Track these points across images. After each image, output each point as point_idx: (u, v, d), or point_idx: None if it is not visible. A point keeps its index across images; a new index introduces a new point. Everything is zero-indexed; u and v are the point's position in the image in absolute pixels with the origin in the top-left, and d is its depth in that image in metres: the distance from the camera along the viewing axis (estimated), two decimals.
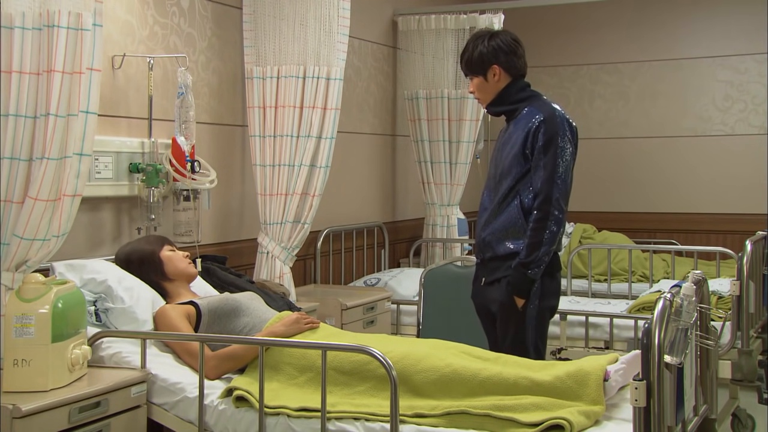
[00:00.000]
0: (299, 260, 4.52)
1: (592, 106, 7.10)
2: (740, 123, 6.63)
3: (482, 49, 3.35)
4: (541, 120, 3.24)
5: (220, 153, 4.23)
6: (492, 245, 3.32)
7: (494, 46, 3.35)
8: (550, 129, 3.23)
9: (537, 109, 3.30)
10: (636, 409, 2.23)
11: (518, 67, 3.40)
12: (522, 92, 3.40)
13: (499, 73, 3.36)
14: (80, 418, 2.56)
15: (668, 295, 2.36)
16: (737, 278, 3.82)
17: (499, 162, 3.36)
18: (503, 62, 3.36)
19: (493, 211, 3.33)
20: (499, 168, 3.35)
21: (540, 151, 3.22)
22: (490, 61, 3.35)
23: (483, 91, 3.42)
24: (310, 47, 4.15)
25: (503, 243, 3.28)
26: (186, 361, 2.98)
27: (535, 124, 3.25)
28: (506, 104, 3.39)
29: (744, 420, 3.95)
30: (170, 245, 3.35)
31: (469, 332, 3.72)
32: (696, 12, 6.76)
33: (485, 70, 3.37)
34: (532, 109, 3.31)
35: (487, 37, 3.38)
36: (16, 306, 2.62)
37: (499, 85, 3.38)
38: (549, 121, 3.24)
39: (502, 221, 3.30)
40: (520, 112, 3.34)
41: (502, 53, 3.35)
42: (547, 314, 3.33)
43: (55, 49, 2.74)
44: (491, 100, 3.41)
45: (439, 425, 2.53)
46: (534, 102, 3.36)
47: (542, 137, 3.22)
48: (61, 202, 2.81)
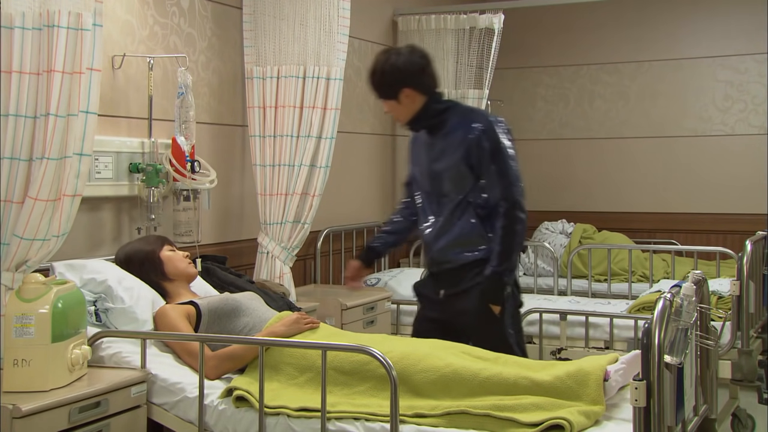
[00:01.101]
0: (299, 260, 4.52)
1: (592, 106, 7.10)
2: (740, 123, 6.63)
3: (390, 72, 3.24)
4: (482, 129, 3.21)
5: (220, 153, 4.23)
6: (450, 256, 3.28)
7: (401, 69, 3.23)
8: (492, 136, 3.21)
9: (469, 118, 3.26)
10: (636, 409, 2.23)
11: (430, 85, 3.30)
12: (440, 104, 3.32)
13: (412, 94, 3.26)
14: (80, 418, 2.56)
15: (668, 295, 2.36)
16: (737, 278, 3.82)
17: (437, 175, 3.30)
18: (415, 84, 3.25)
19: (446, 221, 3.29)
20: (439, 180, 3.30)
21: (489, 159, 3.20)
22: (400, 85, 3.23)
23: (398, 112, 3.33)
24: (310, 47, 4.16)
25: (461, 254, 3.25)
26: (186, 361, 2.98)
27: (475, 133, 3.21)
28: (427, 120, 3.31)
29: (744, 420, 3.95)
30: (170, 245, 3.35)
31: None
32: (696, 12, 6.76)
33: (396, 93, 3.26)
34: (465, 120, 3.26)
35: (393, 59, 3.25)
36: (16, 306, 2.62)
37: (415, 106, 3.28)
38: (489, 129, 3.22)
39: (456, 232, 3.27)
40: (448, 125, 3.28)
41: (410, 75, 3.24)
42: (519, 311, 3.36)
43: (55, 49, 2.74)
44: (409, 119, 3.33)
45: (439, 425, 2.53)
46: (458, 111, 3.32)
47: (488, 145, 3.20)
48: (61, 202, 2.81)
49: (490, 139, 3.20)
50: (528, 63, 7.24)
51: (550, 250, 5.82)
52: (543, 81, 7.25)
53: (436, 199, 3.33)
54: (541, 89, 7.27)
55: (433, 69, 3.33)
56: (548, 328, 4.42)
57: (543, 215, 6.84)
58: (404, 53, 3.27)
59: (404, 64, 3.23)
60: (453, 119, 3.28)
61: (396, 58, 3.25)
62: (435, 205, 3.34)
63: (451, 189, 3.27)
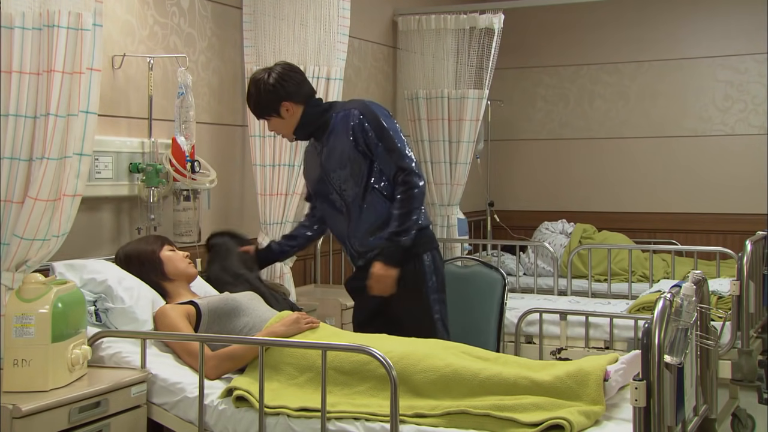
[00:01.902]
0: (299, 260, 4.52)
1: (592, 106, 7.10)
2: (740, 123, 6.63)
3: (265, 92, 3.35)
4: (360, 115, 3.32)
5: (220, 153, 4.23)
6: (371, 244, 3.37)
7: (274, 86, 3.34)
8: (371, 116, 3.32)
9: (347, 108, 3.38)
10: (636, 409, 2.23)
11: (305, 93, 3.41)
12: (319, 107, 3.43)
13: (291, 106, 3.37)
14: (80, 418, 2.56)
15: (668, 295, 2.36)
16: (737, 278, 3.82)
17: (332, 171, 3.38)
18: (291, 96, 3.36)
19: (356, 214, 3.38)
20: (336, 176, 3.37)
21: (375, 139, 3.31)
22: (278, 101, 3.35)
23: (284, 126, 3.43)
24: (310, 47, 4.16)
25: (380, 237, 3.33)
26: (186, 361, 2.98)
27: (355, 120, 3.32)
28: (313, 126, 3.41)
29: (744, 420, 3.95)
30: (170, 245, 3.35)
31: (469, 332, 3.72)
32: (696, 12, 6.76)
33: (277, 109, 3.37)
34: (343, 113, 3.36)
35: (264, 79, 3.35)
36: (16, 306, 2.62)
37: (297, 116, 3.39)
38: (366, 111, 3.34)
39: (370, 220, 3.36)
40: (330, 123, 3.38)
41: (283, 89, 3.35)
42: (444, 287, 3.43)
43: (55, 49, 2.74)
44: (294, 129, 3.43)
45: (439, 425, 2.53)
46: (337, 107, 3.43)
47: (370, 127, 3.31)
48: (61, 202, 2.81)
49: (370, 120, 3.32)
50: (528, 63, 7.24)
51: (550, 250, 5.82)
52: (543, 81, 7.26)
53: (338, 197, 3.42)
54: (541, 89, 7.27)
55: (303, 77, 3.44)
56: (548, 328, 4.42)
57: (543, 215, 6.85)
58: (276, 71, 3.38)
59: (275, 81, 3.34)
60: (334, 116, 3.38)
61: (268, 78, 3.35)
62: (339, 203, 3.43)
63: (350, 180, 3.36)
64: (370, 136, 3.31)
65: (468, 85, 5.75)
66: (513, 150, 7.32)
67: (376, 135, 3.31)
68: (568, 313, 4.44)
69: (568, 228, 6.53)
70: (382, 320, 3.36)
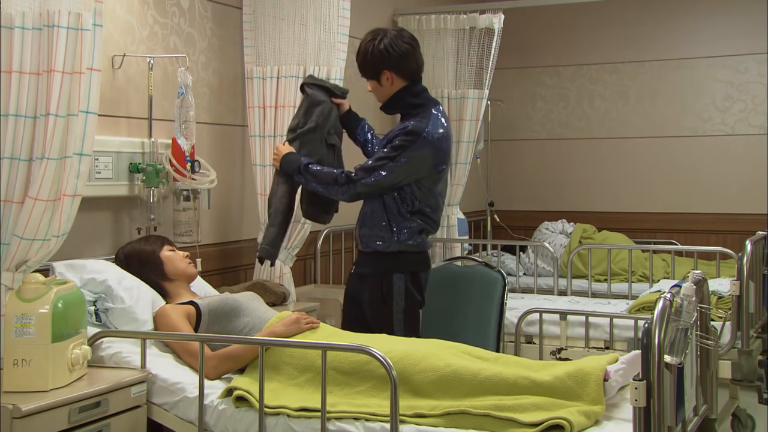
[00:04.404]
0: (299, 260, 4.52)
1: (592, 106, 7.10)
2: (740, 123, 6.63)
3: (373, 52, 3.33)
4: (408, 129, 3.27)
5: (220, 153, 4.23)
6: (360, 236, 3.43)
7: (384, 51, 3.31)
8: (404, 140, 3.26)
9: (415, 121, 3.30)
10: (636, 409, 2.23)
11: (411, 70, 3.38)
12: (415, 98, 3.38)
13: (392, 77, 3.35)
14: (80, 418, 2.56)
15: (668, 295, 2.36)
16: (737, 278, 3.82)
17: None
18: (395, 67, 3.33)
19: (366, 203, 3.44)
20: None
21: (385, 141, 3.31)
22: (381, 66, 3.33)
23: (378, 92, 3.42)
24: (310, 47, 4.15)
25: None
26: (186, 361, 2.98)
27: (399, 127, 3.31)
28: (398, 108, 3.43)
29: (744, 420, 3.95)
30: (170, 245, 3.35)
31: (469, 332, 3.72)
32: (696, 12, 6.76)
33: (378, 74, 3.36)
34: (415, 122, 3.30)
35: (378, 40, 3.32)
36: (16, 306, 2.62)
37: (393, 88, 3.37)
38: (411, 133, 3.26)
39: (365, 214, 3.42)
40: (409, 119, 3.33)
41: (392, 58, 3.32)
42: (415, 310, 3.42)
43: (55, 49, 2.74)
44: (385, 101, 3.43)
45: (439, 425, 2.53)
46: (420, 114, 3.33)
47: (396, 140, 3.27)
48: (61, 202, 2.81)
49: (403, 139, 3.26)
50: (528, 63, 7.25)
51: (550, 250, 5.82)
52: (543, 81, 7.26)
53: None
54: (541, 89, 7.28)
55: (418, 55, 3.40)
56: (548, 328, 4.42)
57: (543, 215, 6.85)
58: (390, 36, 3.34)
59: (387, 47, 3.31)
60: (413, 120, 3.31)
61: (381, 40, 3.32)
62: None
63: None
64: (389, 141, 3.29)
65: (468, 85, 5.75)
66: (513, 150, 7.33)
67: (391, 144, 3.27)
68: (568, 313, 4.45)
69: (568, 228, 6.53)
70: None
